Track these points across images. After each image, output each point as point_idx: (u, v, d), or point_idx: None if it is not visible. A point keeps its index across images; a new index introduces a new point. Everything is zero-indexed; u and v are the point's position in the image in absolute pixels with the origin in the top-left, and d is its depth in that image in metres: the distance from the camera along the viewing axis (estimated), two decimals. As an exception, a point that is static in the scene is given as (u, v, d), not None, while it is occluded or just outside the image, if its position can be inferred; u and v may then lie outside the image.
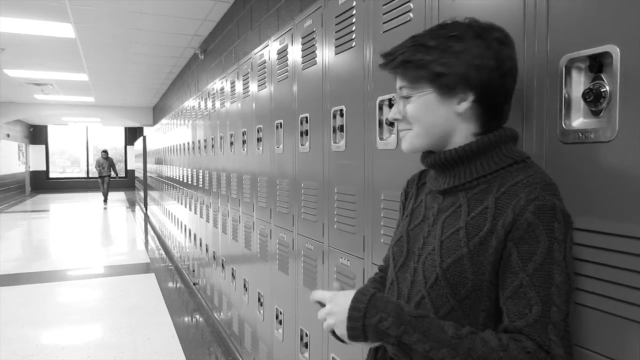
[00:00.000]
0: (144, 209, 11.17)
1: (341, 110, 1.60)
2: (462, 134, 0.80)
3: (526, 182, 0.72)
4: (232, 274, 3.15)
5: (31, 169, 17.06)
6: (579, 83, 0.81)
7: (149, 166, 10.29)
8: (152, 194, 9.41)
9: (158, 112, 12.00)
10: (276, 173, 2.26)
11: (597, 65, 0.78)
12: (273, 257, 2.30)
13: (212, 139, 3.73)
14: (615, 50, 0.74)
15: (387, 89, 1.33)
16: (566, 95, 0.82)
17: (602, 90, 0.77)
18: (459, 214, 0.77)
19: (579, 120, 0.81)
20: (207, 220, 3.96)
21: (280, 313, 2.21)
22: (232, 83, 3.08)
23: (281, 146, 2.19)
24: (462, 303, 0.73)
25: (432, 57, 0.77)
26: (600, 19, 0.76)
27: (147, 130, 12.01)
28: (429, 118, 0.80)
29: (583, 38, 0.79)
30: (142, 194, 11.82)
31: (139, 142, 12.67)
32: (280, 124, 2.19)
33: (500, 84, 0.77)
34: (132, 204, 13.29)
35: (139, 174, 13.10)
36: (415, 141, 0.82)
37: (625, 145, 0.73)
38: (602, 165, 0.76)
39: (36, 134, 17.36)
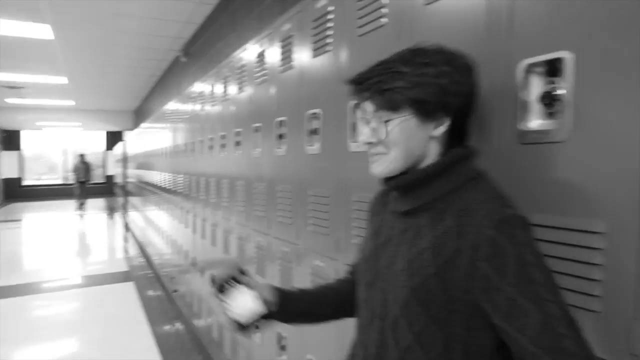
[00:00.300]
0: (124, 215, 11.01)
1: (317, 114, 1.62)
2: (432, 155, 0.83)
3: (482, 198, 0.76)
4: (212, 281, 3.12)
5: (3, 177, 16.48)
6: (536, 86, 0.84)
7: (129, 171, 10.16)
8: (132, 200, 9.29)
9: (139, 115, 11.89)
10: (253, 176, 2.27)
11: (553, 69, 0.81)
12: (251, 261, 2.30)
13: (192, 143, 3.71)
14: (568, 56, 0.78)
15: (360, 93, 1.35)
16: (525, 98, 0.85)
17: (556, 93, 0.80)
18: (422, 235, 0.79)
19: (535, 122, 0.84)
20: (187, 226, 3.93)
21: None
22: (213, 86, 3.08)
23: (259, 149, 2.20)
24: (434, 319, 0.75)
25: (411, 84, 0.79)
26: (556, 26, 0.80)
27: (127, 135, 11.88)
28: (409, 142, 0.81)
29: (541, 44, 0.83)
30: (122, 200, 11.66)
31: (119, 147, 12.50)
32: (259, 127, 2.20)
33: (472, 108, 0.82)
34: (111, 211, 13.07)
35: (119, 179, 12.90)
36: (392, 165, 0.83)
37: (577, 145, 0.76)
38: (557, 164, 0.79)
39: (9, 139, 16.75)
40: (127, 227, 9.67)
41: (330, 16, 1.53)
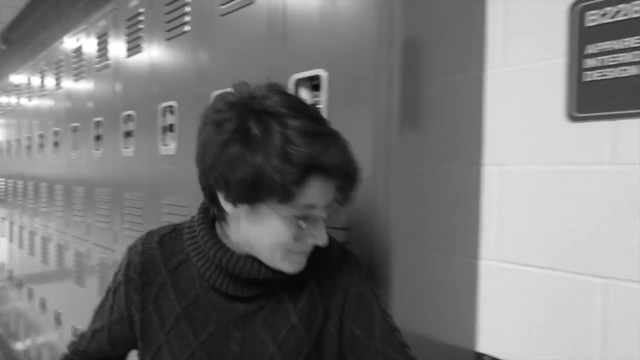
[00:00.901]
0: None
1: (130, 115, 1.58)
2: None
3: (339, 256, 0.72)
4: (30, 294, 2.80)
5: None
6: (305, 98, 0.95)
7: None
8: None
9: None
10: (73, 179, 2.11)
11: (316, 85, 0.93)
12: (70, 271, 2.13)
13: (8, 141, 3.29)
14: (324, 74, 0.90)
15: (168, 96, 1.36)
16: (296, 109, 0.96)
17: (319, 106, 0.92)
18: (285, 309, 0.67)
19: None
20: (3, 235, 3.46)
21: (77, 330, 2.06)
22: (30, 79, 2.77)
23: (78, 151, 2.05)
24: None
25: None
26: (316, 48, 0.92)
27: None
28: None
29: (306, 62, 0.94)
30: None
31: None
32: (77, 127, 2.05)
33: None
34: None
35: None
36: None
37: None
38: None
39: None
40: None
41: (141, 17, 1.51)
